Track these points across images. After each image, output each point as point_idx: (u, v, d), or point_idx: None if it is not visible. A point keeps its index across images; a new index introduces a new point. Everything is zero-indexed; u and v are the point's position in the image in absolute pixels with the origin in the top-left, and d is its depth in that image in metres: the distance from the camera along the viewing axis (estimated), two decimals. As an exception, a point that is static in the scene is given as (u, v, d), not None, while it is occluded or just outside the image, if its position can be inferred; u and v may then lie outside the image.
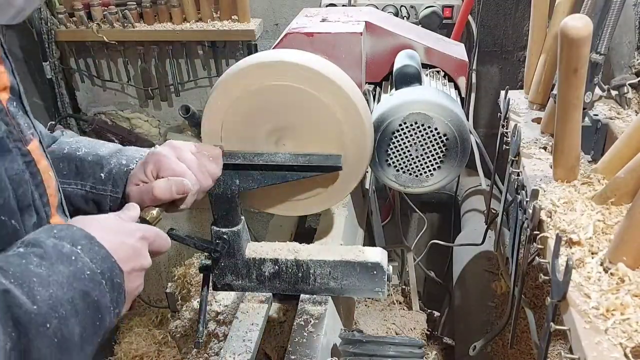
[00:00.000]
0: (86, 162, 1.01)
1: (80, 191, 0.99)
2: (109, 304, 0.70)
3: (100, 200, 0.99)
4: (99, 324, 0.69)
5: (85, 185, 0.99)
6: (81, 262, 0.68)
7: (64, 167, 1.00)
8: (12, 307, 0.59)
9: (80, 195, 0.99)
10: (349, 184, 1.19)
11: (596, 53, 1.16)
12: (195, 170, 1.00)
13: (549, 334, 0.81)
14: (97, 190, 0.99)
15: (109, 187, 0.99)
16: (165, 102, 2.77)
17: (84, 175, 1.00)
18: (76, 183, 1.00)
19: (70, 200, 0.98)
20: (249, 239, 1.21)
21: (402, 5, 2.28)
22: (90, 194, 0.99)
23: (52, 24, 2.51)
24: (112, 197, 0.99)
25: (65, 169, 1.00)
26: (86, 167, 1.00)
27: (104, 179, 1.00)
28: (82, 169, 1.00)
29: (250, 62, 1.11)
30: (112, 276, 0.71)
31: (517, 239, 1.10)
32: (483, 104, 2.52)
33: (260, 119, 1.15)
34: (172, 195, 0.95)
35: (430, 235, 2.64)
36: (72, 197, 0.99)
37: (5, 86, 0.79)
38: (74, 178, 1.00)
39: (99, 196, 0.99)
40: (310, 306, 1.17)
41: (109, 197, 0.99)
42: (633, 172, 0.92)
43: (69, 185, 0.99)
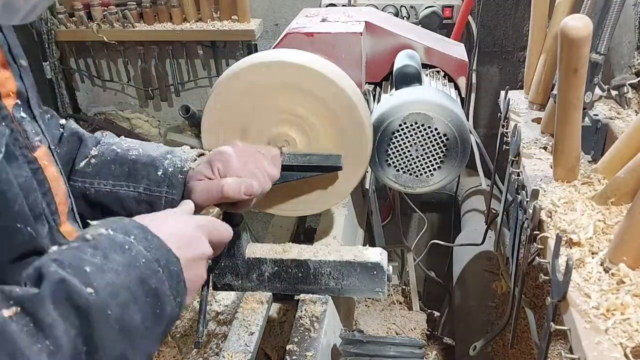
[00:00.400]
0: (139, 163, 0.99)
1: (132, 193, 0.97)
2: (169, 292, 0.69)
3: (154, 202, 0.97)
4: (160, 312, 0.68)
5: (138, 187, 0.97)
6: (135, 251, 0.67)
7: (115, 169, 0.98)
8: (72, 294, 0.59)
9: (132, 198, 0.97)
10: (349, 184, 1.19)
11: (596, 53, 1.16)
12: (259, 173, 0.99)
13: (549, 334, 0.81)
14: (152, 191, 0.97)
15: (164, 189, 0.97)
16: (165, 102, 2.77)
17: (137, 177, 0.98)
18: (128, 185, 0.98)
19: (122, 203, 0.97)
20: (249, 239, 1.21)
21: (402, 5, 2.28)
22: (143, 196, 0.97)
23: (52, 24, 2.51)
24: (167, 199, 0.97)
25: (117, 170, 0.98)
26: (139, 169, 0.99)
27: (159, 180, 0.98)
28: (135, 171, 0.98)
29: (250, 62, 1.11)
30: (168, 264, 0.69)
31: (517, 239, 1.10)
32: (483, 104, 2.52)
33: (260, 119, 1.15)
34: (240, 195, 0.93)
35: (430, 235, 2.64)
36: (124, 199, 0.97)
37: (11, 92, 0.76)
38: (126, 180, 0.98)
39: (153, 197, 0.97)
40: (310, 306, 1.17)
41: (164, 198, 0.97)
42: (633, 172, 0.92)
43: (121, 188, 0.98)
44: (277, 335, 1.29)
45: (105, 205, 0.98)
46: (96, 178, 0.98)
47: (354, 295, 1.20)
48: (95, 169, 0.98)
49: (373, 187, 2.05)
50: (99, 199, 0.97)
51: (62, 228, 0.80)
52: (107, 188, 0.97)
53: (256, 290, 1.22)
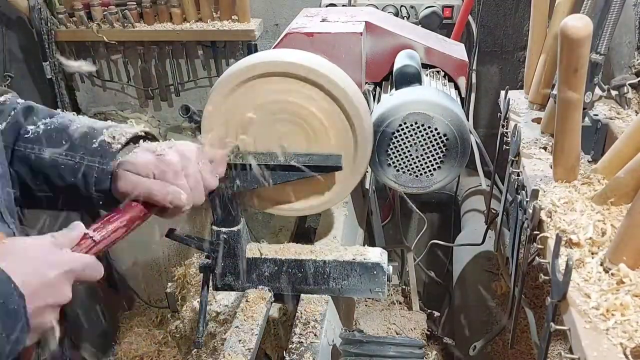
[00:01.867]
0: (79, 133, 0.99)
1: (70, 162, 0.97)
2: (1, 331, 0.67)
3: (87, 172, 0.97)
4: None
5: (75, 157, 0.97)
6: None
7: (57, 137, 0.98)
8: None
9: (69, 167, 0.97)
10: (349, 184, 1.19)
11: (596, 53, 1.16)
12: (193, 186, 0.97)
13: (549, 334, 0.81)
14: (86, 161, 0.97)
15: (97, 159, 0.97)
16: (165, 102, 2.76)
17: (75, 146, 0.98)
18: (67, 154, 0.97)
19: (60, 172, 0.97)
20: (249, 239, 1.21)
21: (402, 5, 2.28)
22: (79, 165, 0.97)
23: (52, 24, 2.51)
24: (99, 169, 0.96)
25: (58, 138, 0.98)
26: (79, 139, 0.99)
27: (94, 149, 0.98)
28: (74, 141, 0.98)
29: (250, 62, 1.11)
30: (7, 302, 0.67)
31: (517, 239, 1.10)
32: (483, 104, 2.52)
33: (260, 119, 1.15)
34: (165, 203, 0.93)
35: (430, 235, 2.64)
36: (61, 168, 0.97)
37: None
38: (66, 149, 0.98)
39: (87, 168, 0.97)
40: (310, 306, 1.17)
41: (96, 168, 0.96)
42: (633, 172, 0.92)
43: (59, 156, 0.97)
44: (277, 335, 1.29)
45: (45, 174, 0.98)
46: (37, 144, 0.98)
47: (354, 295, 1.20)
48: (39, 136, 0.98)
49: (373, 187, 2.05)
50: (39, 166, 0.97)
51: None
52: (46, 155, 0.97)
53: (256, 290, 1.22)
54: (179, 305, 2.34)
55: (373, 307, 2.27)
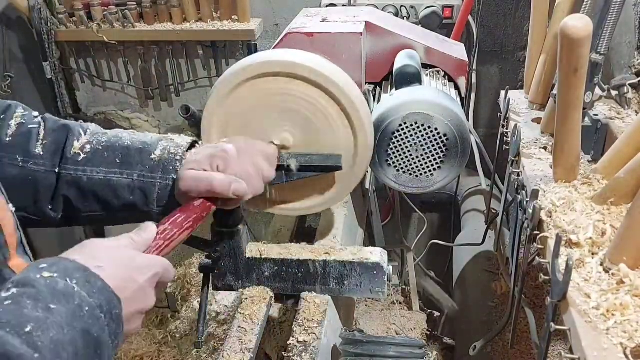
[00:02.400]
0: (133, 149, 0.97)
1: (126, 180, 0.95)
2: (108, 338, 0.67)
3: (147, 189, 0.96)
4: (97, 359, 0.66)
5: (132, 174, 0.96)
6: (79, 299, 0.64)
7: (109, 156, 0.96)
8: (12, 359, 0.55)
9: (125, 185, 0.95)
10: (349, 184, 1.19)
11: (596, 53, 1.16)
12: (255, 176, 0.98)
13: (549, 334, 0.81)
14: (145, 177, 0.96)
15: (158, 174, 0.96)
16: (165, 102, 2.77)
17: (131, 163, 0.96)
18: (122, 172, 0.96)
19: (116, 192, 0.95)
20: (249, 239, 1.21)
21: (402, 5, 2.28)
22: (137, 182, 0.96)
23: (52, 24, 2.51)
24: (162, 184, 0.96)
25: (110, 157, 0.96)
26: (133, 155, 0.97)
27: (153, 166, 0.96)
28: (128, 157, 0.97)
29: (250, 62, 1.11)
30: (111, 308, 0.67)
31: (517, 239, 1.10)
32: (483, 104, 2.52)
33: (260, 119, 1.15)
34: (229, 193, 0.93)
35: (430, 235, 2.64)
36: (117, 187, 0.95)
37: None
38: (120, 167, 0.96)
39: (147, 184, 0.96)
40: (310, 306, 1.16)
41: (159, 184, 0.96)
42: (633, 172, 0.92)
43: (114, 175, 0.95)
44: (277, 335, 1.29)
45: (98, 195, 0.96)
46: (88, 165, 0.96)
47: (354, 295, 1.20)
48: (88, 157, 0.96)
49: (373, 187, 2.05)
50: (91, 188, 0.95)
51: (10, 262, 0.76)
52: (100, 175, 0.95)
53: (256, 290, 1.22)
54: (179, 305, 2.35)
55: (373, 307, 2.27)
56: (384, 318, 2.20)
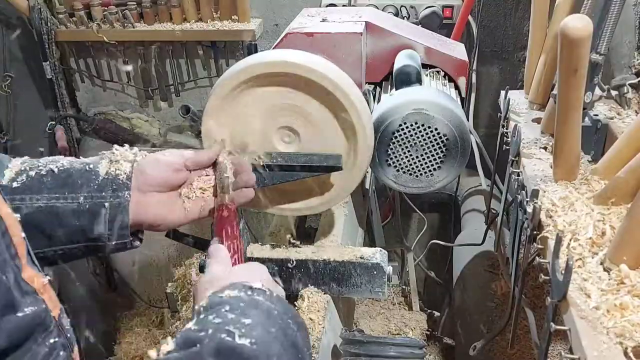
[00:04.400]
0: (74, 170, 0.88)
1: (71, 205, 0.85)
2: (302, 343, 0.68)
3: (96, 211, 0.86)
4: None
5: (78, 198, 0.86)
6: (266, 305, 0.67)
7: (48, 182, 0.86)
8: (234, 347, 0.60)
9: (71, 211, 0.85)
10: (350, 184, 1.19)
11: (596, 53, 1.16)
12: None
13: (549, 334, 0.81)
14: (94, 198, 0.86)
15: (108, 192, 0.87)
16: (165, 102, 2.77)
17: (74, 186, 0.86)
18: (66, 197, 0.85)
19: (60, 220, 0.85)
20: (249, 239, 1.21)
21: (402, 5, 2.28)
22: (83, 206, 0.86)
23: (52, 24, 2.51)
24: (113, 203, 0.86)
25: (51, 183, 0.86)
26: (75, 176, 0.87)
27: (101, 184, 0.87)
28: (71, 180, 0.87)
29: (250, 62, 1.11)
30: (294, 316, 0.71)
31: (517, 239, 1.10)
32: (483, 104, 2.52)
33: (260, 119, 1.15)
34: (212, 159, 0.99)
35: (430, 235, 2.64)
36: (61, 214, 0.85)
37: None
38: (62, 191, 0.86)
39: (95, 205, 0.86)
40: (311, 306, 1.17)
41: (109, 203, 0.86)
42: (633, 172, 0.92)
43: (57, 201, 0.85)
44: (277, 335, 1.29)
45: (40, 226, 0.84)
46: (27, 193, 0.84)
47: (354, 296, 1.20)
48: (24, 185, 0.85)
49: (373, 187, 2.06)
50: (32, 218, 0.83)
51: (24, 274, 0.69)
52: (41, 203, 0.84)
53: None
54: (179, 305, 2.34)
55: (373, 307, 2.27)
56: (384, 318, 2.20)
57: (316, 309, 1.15)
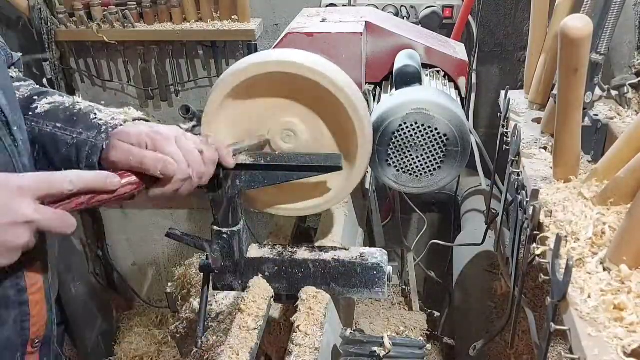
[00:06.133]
0: (81, 111, 1.03)
1: (67, 137, 1.00)
2: None
3: (80, 146, 0.99)
4: None
5: (73, 132, 1.00)
6: None
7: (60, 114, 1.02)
8: None
9: (64, 141, 1.00)
10: (350, 184, 1.19)
11: (596, 53, 1.16)
12: (190, 156, 0.98)
13: (549, 334, 0.81)
14: (82, 135, 0.99)
15: (92, 133, 0.99)
16: (165, 102, 2.77)
17: (76, 123, 1.01)
18: (66, 129, 1.00)
19: (57, 145, 1.00)
20: (249, 239, 1.21)
21: (402, 5, 2.28)
22: (74, 140, 0.99)
23: (52, 24, 2.51)
24: (92, 143, 0.98)
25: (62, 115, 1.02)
26: (80, 116, 1.02)
27: (90, 125, 1.00)
28: (76, 117, 1.02)
29: (251, 62, 1.11)
30: None
31: (517, 239, 1.10)
32: (483, 104, 2.52)
33: (260, 119, 1.15)
34: (155, 172, 0.93)
35: (430, 235, 2.64)
36: (59, 142, 1.00)
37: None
38: (66, 124, 1.01)
39: (80, 141, 0.99)
40: (311, 306, 1.16)
41: (90, 142, 0.98)
42: (633, 172, 0.92)
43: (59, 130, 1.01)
44: (277, 335, 1.29)
45: (44, 147, 1.01)
46: (44, 119, 1.02)
47: (354, 296, 1.20)
48: (46, 112, 1.03)
49: (373, 187, 2.05)
50: (40, 140, 1.01)
51: None
52: (49, 129, 1.01)
53: (256, 290, 1.22)
54: (179, 305, 2.34)
55: (373, 307, 2.27)
56: (384, 318, 2.20)
57: (316, 309, 1.15)
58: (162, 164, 0.94)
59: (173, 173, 0.95)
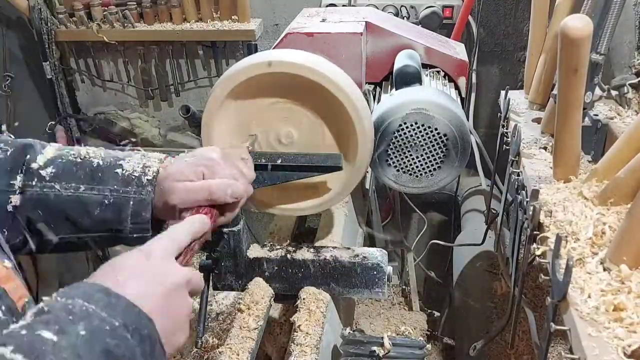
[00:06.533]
0: (104, 164, 0.92)
1: (97, 196, 0.89)
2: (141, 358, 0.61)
3: (121, 204, 0.89)
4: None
5: (104, 190, 0.89)
6: (98, 319, 0.58)
7: (78, 171, 0.90)
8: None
9: (97, 202, 0.89)
10: (350, 183, 1.19)
11: (596, 53, 1.16)
12: (241, 180, 0.95)
13: (549, 334, 0.81)
14: (119, 192, 0.89)
15: (133, 188, 0.90)
16: (165, 102, 2.77)
17: (102, 178, 0.90)
18: (92, 188, 0.89)
19: (86, 209, 0.89)
20: (249, 239, 1.21)
21: (402, 5, 2.28)
22: (110, 198, 0.89)
23: (52, 24, 2.51)
24: (136, 199, 0.90)
25: (80, 173, 0.90)
26: (105, 170, 0.91)
27: (126, 179, 0.90)
28: (100, 173, 0.90)
29: (251, 62, 1.11)
30: (140, 328, 0.61)
31: (517, 239, 1.10)
32: (483, 104, 2.52)
33: (260, 120, 1.15)
34: (226, 197, 0.90)
35: (430, 235, 2.64)
36: (88, 204, 0.89)
37: None
38: (91, 182, 0.90)
39: (120, 199, 0.89)
40: (311, 306, 1.16)
41: (133, 199, 0.90)
42: (633, 172, 0.92)
43: (84, 191, 0.89)
44: (277, 335, 1.29)
45: (66, 213, 0.89)
46: (56, 182, 0.88)
47: (354, 296, 1.20)
48: (55, 173, 0.89)
49: (373, 187, 2.05)
50: (60, 206, 0.88)
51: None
52: (69, 192, 0.88)
53: (256, 290, 1.22)
54: (179, 305, 2.34)
55: (373, 307, 2.27)
56: (384, 318, 2.20)
57: (316, 309, 1.15)
58: (230, 188, 0.90)
59: (242, 194, 0.93)
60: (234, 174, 0.94)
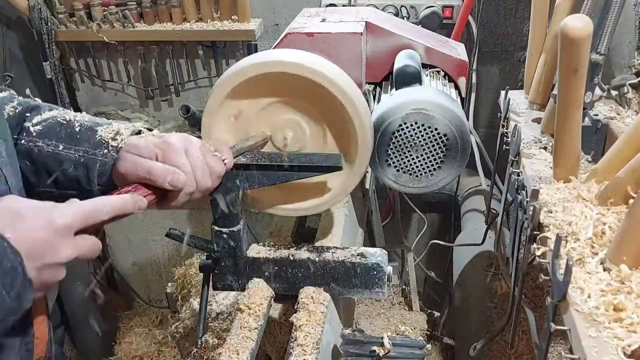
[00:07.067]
0: (83, 127, 1.01)
1: (72, 155, 0.99)
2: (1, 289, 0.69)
3: (90, 165, 0.98)
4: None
5: (79, 150, 0.99)
6: None
7: (61, 131, 1.00)
8: None
9: (71, 160, 0.99)
10: (349, 184, 1.19)
11: (596, 53, 1.16)
12: (198, 170, 0.97)
13: (549, 334, 0.81)
14: (89, 154, 0.98)
15: (102, 151, 0.98)
16: (165, 102, 2.77)
17: (79, 140, 0.99)
18: (70, 147, 0.99)
19: (62, 165, 0.98)
20: (249, 239, 1.21)
21: (402, 5, 2.28)
22: (82, 158, 0.98)
23: (52, 24, 2.51)
24: (102, 162, 0.98)
25: (62, 132, 1.00)
26: (82, 132, 1.00)
27: (97, 143, 0.99)
28: (78, 134, 1.00)
29: (251, 62, 1.11)
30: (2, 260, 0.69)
31: (517, 239, 1.10)
32: (483, 104, 2.52)
33: (260, 119, 1.15)
34: (164, 183, 0.93)
35: (430, 235, 2.64)
36: (64, 161, 0.98)
37: None
38: (69, 142, 0.99)
39: (89, 160, 0.98)
40: (311, 306, 1.16)
41: (99, 161, 0.98)
42: (633, 172, 0.92)
43: (62, 149, 0.99)
44: (277, 335, 1.29)
45: (47, 166, 0.99)
46: (41, 138, 0.99)
47: (354, 296, 1.20)
48: (43, 130, 1.00)
49: (373, 187, 2.05)
50: (41, 159, 0.99)
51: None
52: (50, 148, 0.99)
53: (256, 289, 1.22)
54: (179, 305, 2.34)
55: (373, 307, 2.27)
56: (384, 318, 2.20)
57: (316, 309, 1.15)
58: (170, 175, 0.93)
59: (182, 185, 0.94)
60: (185, 165, 0.95)
